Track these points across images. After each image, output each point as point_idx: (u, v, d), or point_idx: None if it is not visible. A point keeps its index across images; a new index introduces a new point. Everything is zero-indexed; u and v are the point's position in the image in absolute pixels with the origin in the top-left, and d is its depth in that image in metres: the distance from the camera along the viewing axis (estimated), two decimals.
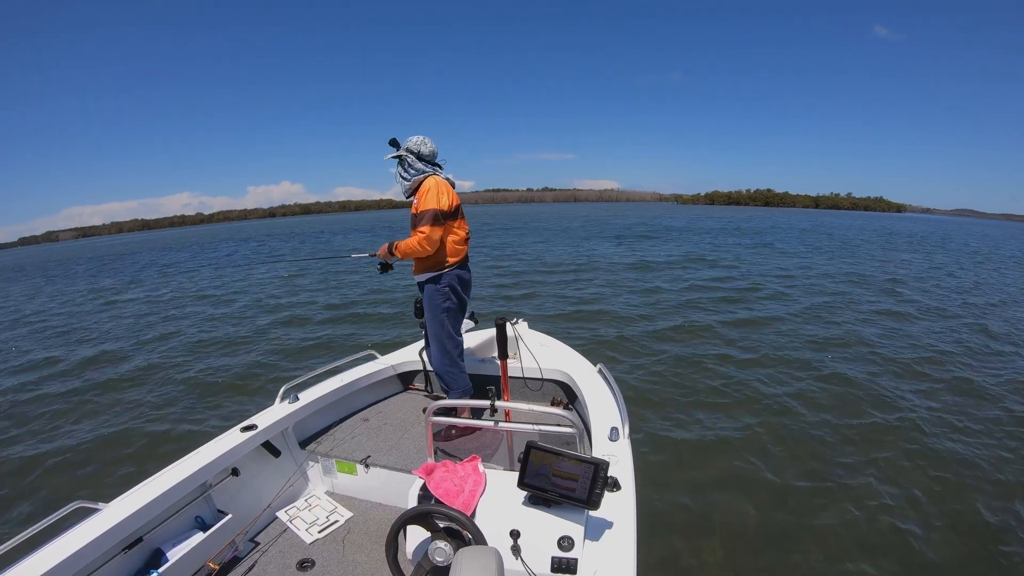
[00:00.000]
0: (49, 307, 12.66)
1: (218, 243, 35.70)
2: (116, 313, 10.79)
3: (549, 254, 16.98)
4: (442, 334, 2.59)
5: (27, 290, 17.18)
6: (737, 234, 26.05)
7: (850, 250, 19.11)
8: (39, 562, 1.44)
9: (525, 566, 1.38)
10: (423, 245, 2.41)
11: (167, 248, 34.78)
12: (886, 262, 15.49)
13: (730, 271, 12.82)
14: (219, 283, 13.84)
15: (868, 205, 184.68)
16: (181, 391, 5.46)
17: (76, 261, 30.34)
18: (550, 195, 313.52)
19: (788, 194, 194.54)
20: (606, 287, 10.47)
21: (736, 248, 18.86)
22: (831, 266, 14.13)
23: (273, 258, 21.19)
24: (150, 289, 14.14)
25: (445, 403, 1.90)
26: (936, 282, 11.70)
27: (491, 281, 11.41)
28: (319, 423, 2.65)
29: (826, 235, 27.39)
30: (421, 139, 2.54)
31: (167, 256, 26.80)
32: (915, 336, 6.79)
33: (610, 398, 2.34)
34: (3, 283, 21.25)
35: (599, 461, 1.40)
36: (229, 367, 6.20)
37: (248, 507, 2.15)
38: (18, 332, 9.72)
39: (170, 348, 7.37)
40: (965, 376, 5.23)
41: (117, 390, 5.67)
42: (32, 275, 23.52)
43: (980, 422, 4.17)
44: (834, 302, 8.95)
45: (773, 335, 6.73)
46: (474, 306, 2.97)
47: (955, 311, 8.45)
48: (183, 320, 9.40)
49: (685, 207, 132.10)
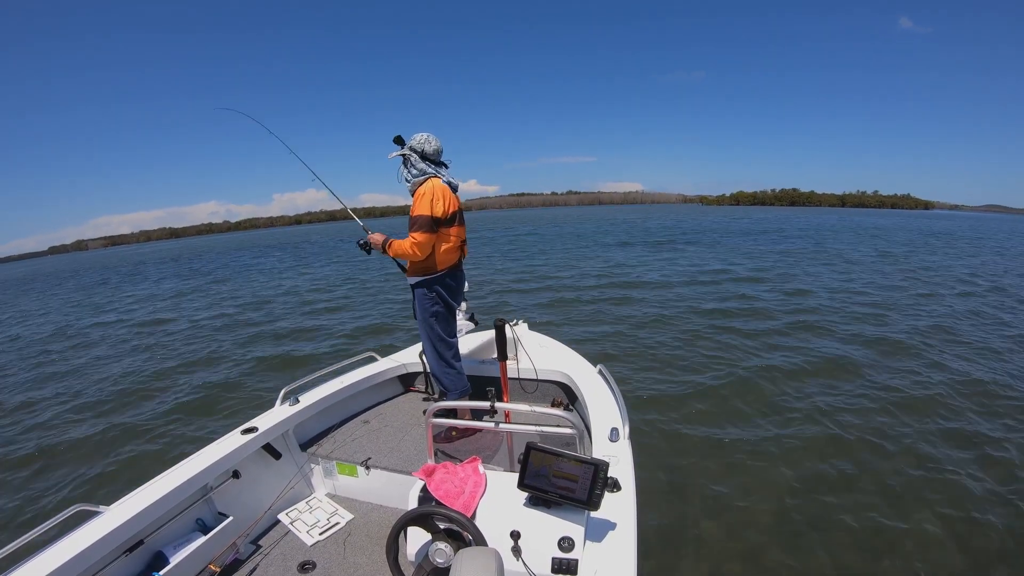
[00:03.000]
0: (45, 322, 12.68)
1: (256, 249, 35.37)
2: (117, 317, 10.81)
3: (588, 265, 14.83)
4: (433, 336, 2.60)
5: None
6: (792, 238, 23.64)
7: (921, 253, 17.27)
8: (41, 565, 1.45)
9: (525, 567, 1.38)
10: (414, 250, 2.40)
11: (196, 256, 34.47)
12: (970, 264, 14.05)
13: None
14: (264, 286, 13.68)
15: (895, 203, 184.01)
16: (181, 391, 5.47)
17: (113, 269, 29.86)
18: (575, 198, 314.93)
19: (814, 193, 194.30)
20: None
21: (803, 257, 15.53)
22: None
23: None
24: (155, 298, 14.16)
25: (445, 404, 1.90)
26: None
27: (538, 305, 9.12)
28: (320, 425, 2.65)
29: (873, 235, 25.42)
30: (425, 137, 2.51)
31: (196, 263, 26.61)
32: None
33: (610, 399, 2.34)
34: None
35: (599, 462, 1.40)
36: (234, 368, 6.21)
37: (249, 509, 2.15)
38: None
39: (169, 351, 7.39)
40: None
41: (121, 394, 5.68)
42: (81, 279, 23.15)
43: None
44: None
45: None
46: (481, 309, 2.96)
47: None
48: (179, 320, 9.41)
49: (711, 208, 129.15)
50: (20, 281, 31.01)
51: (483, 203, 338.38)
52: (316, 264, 20.08)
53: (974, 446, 3.74)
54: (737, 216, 54.86)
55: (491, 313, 7.44)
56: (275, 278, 16.02)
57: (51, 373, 6.88)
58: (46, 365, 7.37)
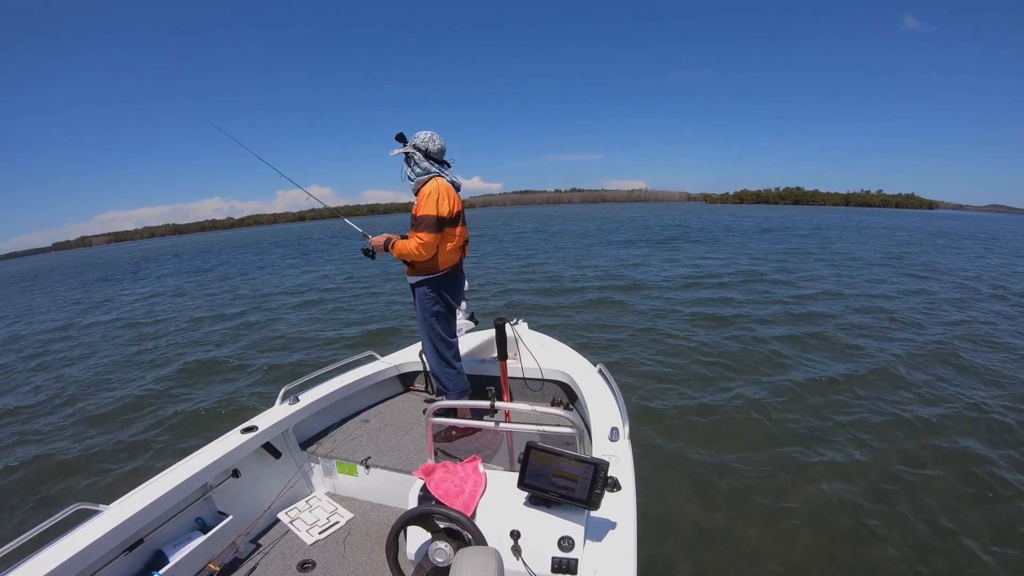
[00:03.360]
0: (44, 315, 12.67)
1: (258, 247, 35.12)
2: (118, 317, 10.81)
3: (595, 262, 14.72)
4: (433, 336, 2.59)
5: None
6: (802, 236, 23.34)
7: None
8: (40, 564, 1.45)
9: (525, 566, 1.38)
10: (419, 251, 2.38)
11: (199, 253, 34.32)
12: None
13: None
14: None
15: (900, 202, 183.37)
16: (178, 394, 5.47)
17: (115, 267, 29.63)
18: (578, 196, 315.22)
19: (818, 192, 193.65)
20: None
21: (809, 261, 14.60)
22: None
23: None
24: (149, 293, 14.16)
25: (445, 404, 1.90)
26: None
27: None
28: (319, 424, 2.65)
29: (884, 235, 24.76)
30: (429, 135, 2.49)
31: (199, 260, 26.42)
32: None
33: (610, 398, 2.34)
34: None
35: (599, 461, 1.40)
36: (231, 367, 6.21)
37: (249, 508, 2.15)
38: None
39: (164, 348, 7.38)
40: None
41: (118, 391, 5.68)
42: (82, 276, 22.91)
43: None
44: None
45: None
46: (485, 309, 2.96)
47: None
48: (169, 323, 9.41)
49: (715, 206, 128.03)
50: (23, 278, 31.01)
51: (487, 200, 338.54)
52: (317, 261, 20.05)
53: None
54: (742, 215, 54.34)
55: (494, 312, 7.43)
56: (276, 275, 16.01)
57: (51, 372, 6.88)
58: (46, 363, 7.38)
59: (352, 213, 4.81)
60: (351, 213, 3.19)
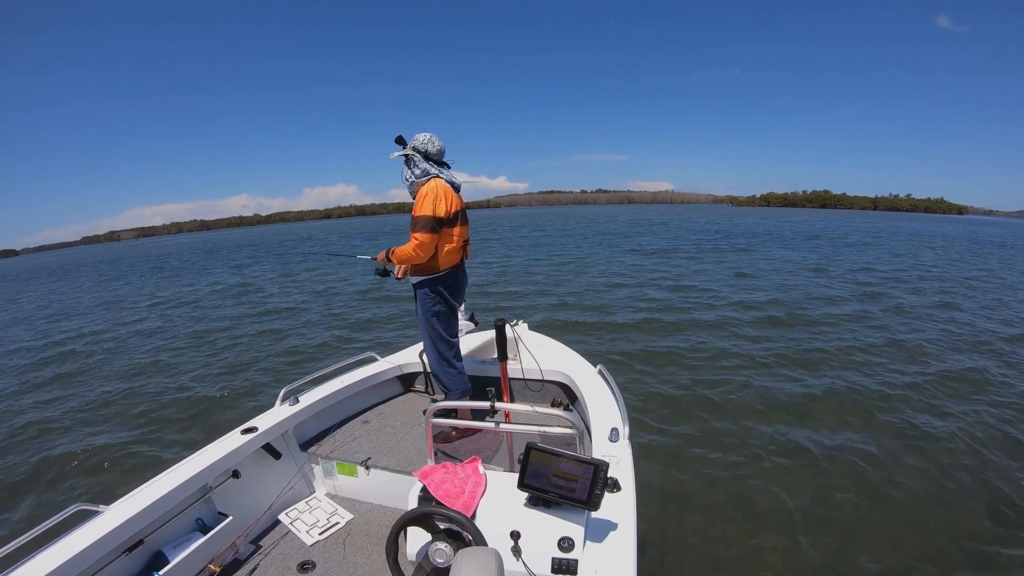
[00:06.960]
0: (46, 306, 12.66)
1: (288, 243, 34.87)
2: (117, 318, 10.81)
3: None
4: (434, 336, 2.60)
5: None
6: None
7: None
8: (40, 565, 1.45)
9: (525, 567, 1.38)
10: (417, 252, 2.40)
11: (226, 249, 34.12)
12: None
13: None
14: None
15: (928, 207, 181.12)
16: (179, 393, 5.47)
17: (143, 261, 29.41)
18: (604, 196, 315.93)
19: (846, 195, 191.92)
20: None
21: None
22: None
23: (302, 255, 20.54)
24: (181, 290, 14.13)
25: (445, 404, 1.90)
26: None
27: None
28: (320, 425, 2.65)
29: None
30: (428, 137, 2.51)
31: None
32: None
33: (610, 399, 2.34)
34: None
35: (599, 462, 1.40)
36: (229, 368, 6.21)
37: (249, 509, 2.15)
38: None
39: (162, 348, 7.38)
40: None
41: (116, 390, 5.68)
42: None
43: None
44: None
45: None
46: (484, 308, 2.96)
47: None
48: (169, 322, 9.40)
49: (742, 209, 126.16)
50: (52, 271, 30.79)
51: (512, 200, 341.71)
52: (330, 265, 19.58)
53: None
54: (766, 216, 51.79)
55: (501, 313, 7.41)
56: (286, 277, 15.86)
57: (51, 371, 6.87)
58: (47, 361, 7.38)
59: (378, 212, 4.76)
60: (377, 212, 3.13)
